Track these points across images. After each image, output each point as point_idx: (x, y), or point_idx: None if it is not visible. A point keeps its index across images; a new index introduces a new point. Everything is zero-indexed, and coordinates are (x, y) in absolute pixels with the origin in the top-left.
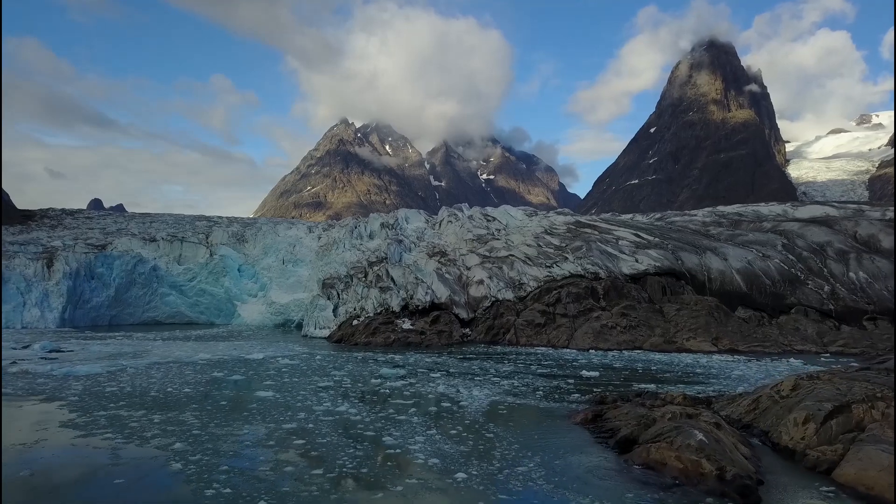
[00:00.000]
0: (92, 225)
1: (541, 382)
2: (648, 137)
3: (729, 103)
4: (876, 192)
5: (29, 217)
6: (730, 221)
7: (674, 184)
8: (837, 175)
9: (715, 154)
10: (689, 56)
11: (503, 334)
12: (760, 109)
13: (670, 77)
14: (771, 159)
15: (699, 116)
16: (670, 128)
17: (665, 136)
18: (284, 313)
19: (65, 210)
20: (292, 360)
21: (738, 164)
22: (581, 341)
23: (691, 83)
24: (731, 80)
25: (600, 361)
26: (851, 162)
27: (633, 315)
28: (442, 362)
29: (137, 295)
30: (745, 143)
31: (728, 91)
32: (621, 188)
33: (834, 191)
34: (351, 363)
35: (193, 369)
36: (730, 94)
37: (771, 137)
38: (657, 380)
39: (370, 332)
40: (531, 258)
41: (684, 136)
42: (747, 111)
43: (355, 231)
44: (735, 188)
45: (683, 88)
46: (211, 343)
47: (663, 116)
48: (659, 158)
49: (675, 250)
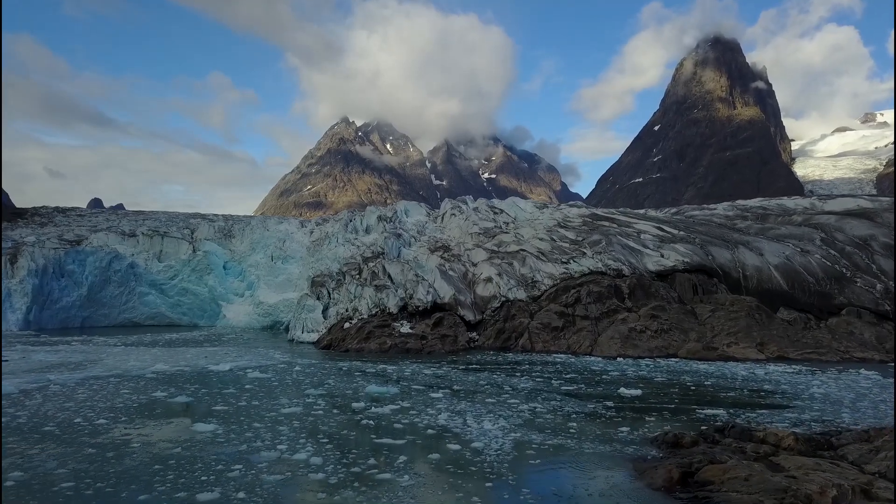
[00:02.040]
0: (83, 223)
1: (571, 406)
2: (652, 135)
3: (734, 101)
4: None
5: (19, 215)
6: (754, 215)
7: (678, 182)
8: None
9: (720, 152)
10: (694, 53)
11: (515, 339)
12: (766, 107)
13: (675, 74)
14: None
15: (704, 114)
16: (675, 125)
17: (669, 133)
18: (273, 314)
19: (57, 208)
20: (265, 372)
21: (744, 161)
22: (606, 347)
23: (696, 80)
24: (737, 77)
25: (635, 373)
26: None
27: (663, 317)
28: (444, 375)
29: (113, 294)
30: (751, 141)
31: (733, 88)
32: (625, 187)
33: (842, 189)
34: (334, 377)
35: (133, 387)
36: (735, 92)
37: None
38: (720, 400)
39: (363, 336)
40: (545, 253)
41: (689, 133)
42: (754, 108)
43: (350, 225)
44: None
45: (688, 86)
46: (180, 349)
47: (668, 114)
48: (663, 156)
49: (704, 245)
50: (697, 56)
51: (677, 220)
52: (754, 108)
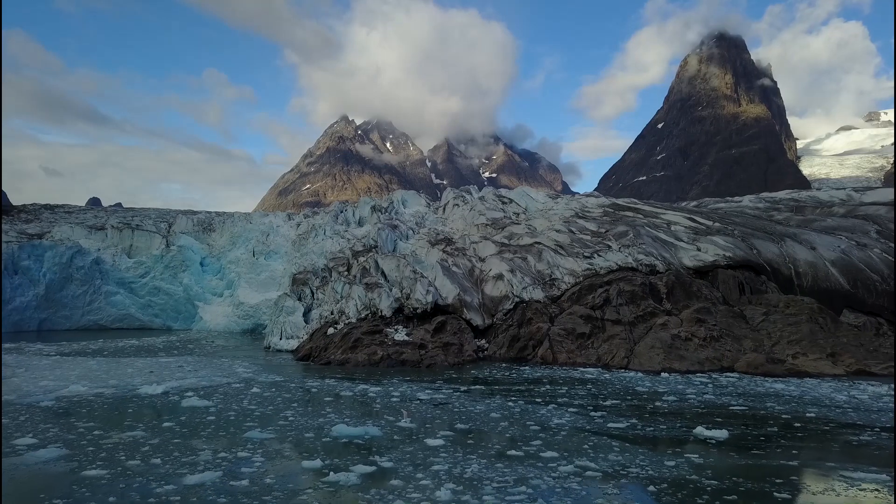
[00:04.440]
0: (71, 220)
1: (637, 464)
2: (656, 133)
3: (740, 98)
4: None
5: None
6: (787, 207)
7: (683, 180)
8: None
9: (726, 150)
10: (699, 49)
11: (533, 348)
12: (771, 105)
13: (679, 71)
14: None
15: (709, 111)
16: (679, 123)
17: (674, 131)
18: (254, 316)
19: (46, 205)
20: (207, 397)
21: (750, 159)
22: (647, 359)
23: (701, 77)
24: (742, 74)
25: (697, 397)
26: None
27: (710, 321)
28: (445, 403)
29: (75, 294)
30: (757, 139)
31: (738, 86)
32: (628, 185)
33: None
34: (297, 406)
35: None
36: (740, 89)
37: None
38: (852, 450)
39: (349, 345)
40: (564, 246)
41: (693, 131)
42: (760, 106)
43: (341, 216)
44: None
45: (693, 83)
46: (125, 361)
47: (672, 111)
48: (667, 154)
49: (745, 237)
50: (702, 53)
51: (708, 212)
52: (761, 106)
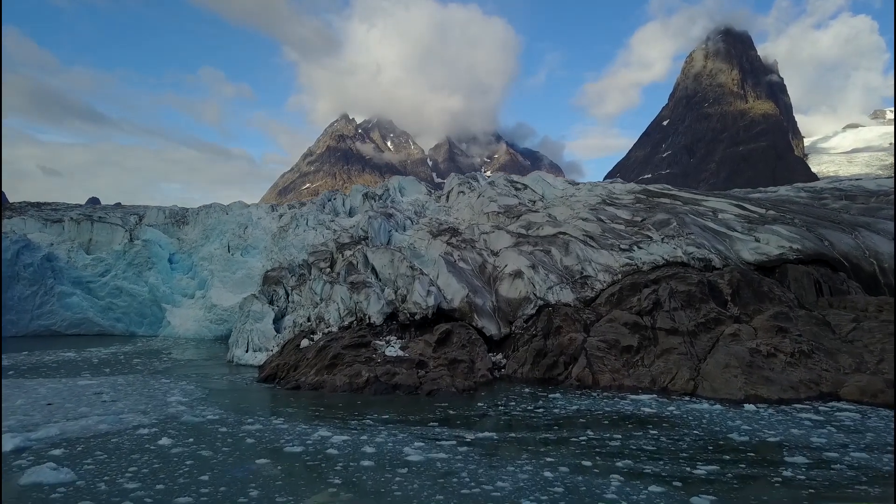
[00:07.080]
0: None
1: None
2: (661, 130)
3: (747, 94)
4: None
5: None
6: (834, 197)
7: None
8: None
9: (733, 147)
10: (704, 45)
11: (565, 366)
12: (778, 102)
13: (684, 67)
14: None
15: (716, 108)
16: (685, 120)
17: (679, 128)
18: (229, 321)
19: (35, 203)
20: (74, 464)
21: (758, 156)
22: (721, 383)
23: (707, 74)
24: (749, 70)
25: (833, 450)
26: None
27: (793, 331)
28: (447, 472)
29: (23, 295)
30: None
31: (745, 82)
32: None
33: None
34: (203, 482)
35: None
36: (747, 86)
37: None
38: None
39: (325, 363)
40: (594, 237)
41: (700, 128)
42: (768, 103)
43: (328, 205)
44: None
45: (699, 79)
46: (30, 383)
47: (677, 108)
48: (673, 152)
49: (811, 227)
50: (708, 48)
51: (756, 199)
52: (769, 103)
